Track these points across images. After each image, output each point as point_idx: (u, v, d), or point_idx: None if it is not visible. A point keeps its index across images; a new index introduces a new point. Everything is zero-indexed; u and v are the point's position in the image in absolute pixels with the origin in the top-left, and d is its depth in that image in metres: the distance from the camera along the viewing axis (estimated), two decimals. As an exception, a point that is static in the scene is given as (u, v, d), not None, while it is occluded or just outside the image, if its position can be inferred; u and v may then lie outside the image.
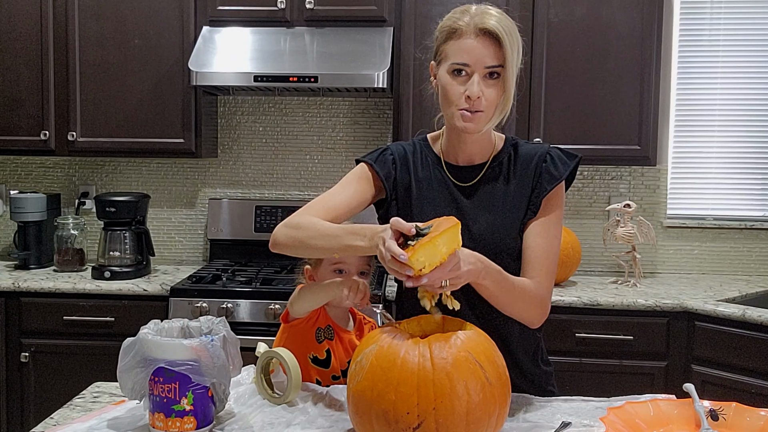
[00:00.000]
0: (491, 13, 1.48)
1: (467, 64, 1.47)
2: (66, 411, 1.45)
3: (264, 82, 2.91)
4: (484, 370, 1.19)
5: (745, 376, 2.56)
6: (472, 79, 1.47)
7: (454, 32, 1.49)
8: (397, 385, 1.16)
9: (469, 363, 1.18)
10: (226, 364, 1.32)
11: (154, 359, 1.27)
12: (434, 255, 1.25)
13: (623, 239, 3.03)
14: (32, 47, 3.13)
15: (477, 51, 1.46)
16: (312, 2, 3.02)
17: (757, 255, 3.34)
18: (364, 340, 1.28)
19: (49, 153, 3.20)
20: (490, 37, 1.46)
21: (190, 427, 1.29)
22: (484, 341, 1.25)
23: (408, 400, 1.16)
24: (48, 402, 2.91)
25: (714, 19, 3.32)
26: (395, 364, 1.18)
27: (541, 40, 3.01)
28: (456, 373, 1.16)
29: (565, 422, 1.36)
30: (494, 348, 1.27)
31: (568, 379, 2.70)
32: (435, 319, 1.36)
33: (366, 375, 1.20)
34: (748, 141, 3.34)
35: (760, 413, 1.33)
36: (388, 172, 1.64)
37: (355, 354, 1.27)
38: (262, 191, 3.49)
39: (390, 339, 1.22)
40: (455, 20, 1.49)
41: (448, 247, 1.26)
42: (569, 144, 3.01)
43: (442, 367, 1.17)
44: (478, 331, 1.28)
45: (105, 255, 3.08)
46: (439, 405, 1.15)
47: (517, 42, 1.49)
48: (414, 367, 1.17)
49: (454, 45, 1.48)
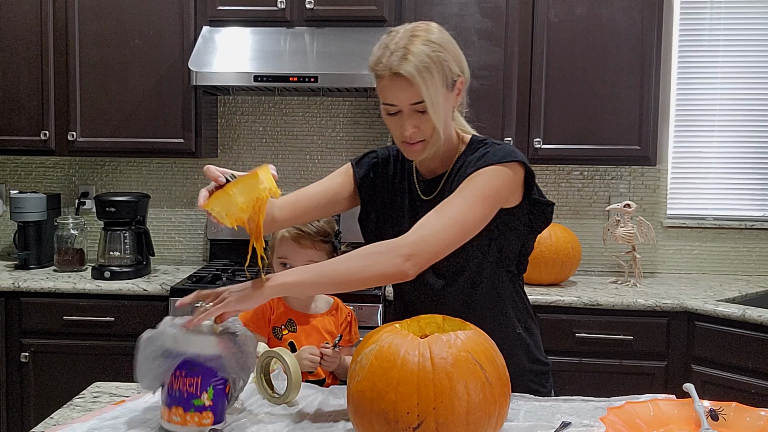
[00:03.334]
0: (408, 49, 1.44)
1: (393, 104, 1.48)
2: (66, 411, 1.45)
3: (264, 82, 2.91)
4: (484, 370, 1.19)
5: (745, 376, 2.56)
6: (403, 120, 1.48)
7: (377, 74, 1.49)
8: (396, 385, 1.17)
9: (468, 363, 1.18)
10: (248, 362, 1.33)
11: (180, 352, 1.27)
12: (230, 204, 1.28)
13: (623, 239, 3.03)
14: (32, 47, 3.13)
15: (396, 92, 1.46)
16: (312, 2, 3.02)
17: (757, 255, 3.34)
18: (364, 339, 1.29)
19: (49, 153, 3.20)
20: (404, 79, 1.43)
21: (207, 422, 1.29)
22: (483, 341, 1.25)
23: (408, 400, 1.16)
24: (48, 402, 2.91)
25: (714, 19, 3.32)
26: (395, 364, 1.18)
27: (541, 40, 3.01)
28: (456, 373, 1.17)
29: (565, 422, 1.36)
30: (494, 348, 1.27)
31: (568, 379, 2.71)
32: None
33: (366, 375, 1.20)
34: (748, 141, 3.34)
35: (760, 413, 1.33)
36: (365, 174, 1.67)
37: (355, 354, 1.27)
38: (262, 191, 3.49)
39: (390, 339, 1.22)
40: (376, 60, 1.48)
41: (246, 196, 1.28)
42: (569, 144, 3.02)
43: (442, 367, 1.17)
44: (477, 331, 1.28)
45: (105, 255, 3.08)
46: (439, 405, 1.15)
47: (440, 72, 1.44)
48: (414, 367, 1.17)
49: (379, 85, 1.49)
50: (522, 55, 3.02)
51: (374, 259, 1.39)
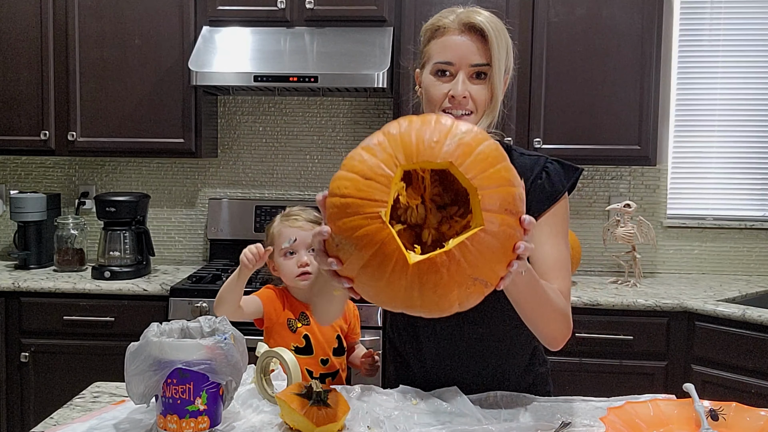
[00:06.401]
0: (479, 10, 1.39)
1: (451, 62, 1.37)
2: (66, 411, 1.45)
3: (264, 82, 2.91)
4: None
5: (745, 376, 2.56)
6: (457, 78, 1.37)
7: (438, 30, 1.40)
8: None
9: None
10: (239, 362, 1.32)
11: (170, 361, 1.26)
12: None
13: (623, 239, 3.03)
14: (32, 47, 3.13)
15: (462, 48, 1.36)
16: (312, 2, 3.02)
17: (757, 255, 3.34)
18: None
19: (49, 153, 3.20)
20: (476, 34, 1.36)
21: (203, 426, 1.29)
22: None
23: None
24: (48, 402, 2.91)
25: (714, 19, 3.32)
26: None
27: (541, 40, 3.01)
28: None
29: (565, 422, 1.36)
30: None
31: (568, 379, 2.70)
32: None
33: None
34: (748, 141, 3.34)
35: (760, 413, 1.33)
36: None
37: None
38: (262, 191, 3.49)
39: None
40: (440, 18, 1.41)
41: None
42: (569, 144, 3.02)
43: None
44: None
45: (105, 255, 3.08)
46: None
47: (506, 42, 1.39)
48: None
49: (437, 43, 1.39)
50: (522, 54, 3.01)
51: (562, 315, 1.35)
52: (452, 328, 1.53)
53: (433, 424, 1.36)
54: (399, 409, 1.41)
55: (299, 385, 1.36)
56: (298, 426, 1.30)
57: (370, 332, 2.72)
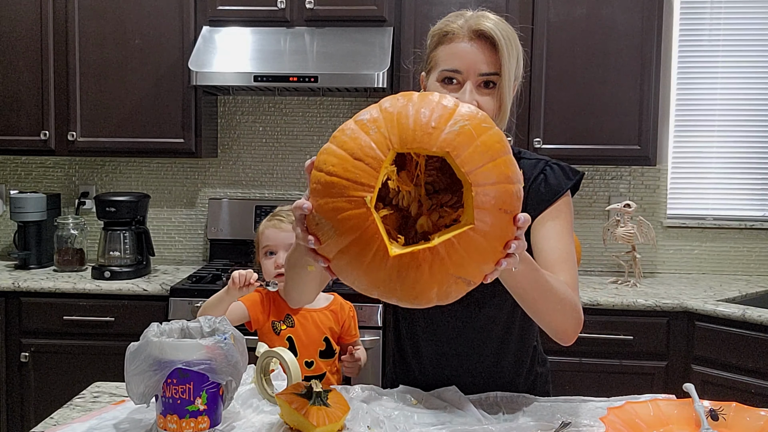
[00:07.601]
0: (488, 16, 1.35)
1: (459, 70, 1.33)
2: (66, 411, 1.45)
3: (264, 82, 2.91)
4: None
5: (745, 376, 2.56)
6: (464, 88, 1.33)
7: (446, 35, 1.35)
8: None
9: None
10: (239, 362, 1.32)
11: (170, 361, 1.26)
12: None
13: (623, 239, 3.03)
14: (32, 47, 3.13)
15: (470, 56, 1.32)
16: (312, 2, 3.02)
17: (757, 255, 3.34)
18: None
19: (49, 153, 3.20)
20: (485, 41, 1.32)
21: (204, 426, 1.29)
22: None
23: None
24: (48, 402, 2.91)
25: (714, 19, 3.32)
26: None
27: (541, 40, 3.01)
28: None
29: (565, 422, 1.36)
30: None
31: (568, 379, 2.70)
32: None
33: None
34: (748, 141, 3.34)
35: (760, 413, 1.33)
36: None
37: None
38: (262, 191, 3.49)
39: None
40: (448, 23, 1.37)
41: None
42: (569, 144, 3.02)
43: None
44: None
45: (105, 255, 3.08)
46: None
47: (517, 50, 1.35)
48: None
49: (445, 50, 1.35)
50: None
51: (569, 305, 1.30)
52: (452, 329, 1.53)
53: (433, 424, 1.36)
54: (399, 409, 1.41)
55: (299, 385, 1.36)
56: (298, 426, 1.30)
57: (370, 332, 2.72)
